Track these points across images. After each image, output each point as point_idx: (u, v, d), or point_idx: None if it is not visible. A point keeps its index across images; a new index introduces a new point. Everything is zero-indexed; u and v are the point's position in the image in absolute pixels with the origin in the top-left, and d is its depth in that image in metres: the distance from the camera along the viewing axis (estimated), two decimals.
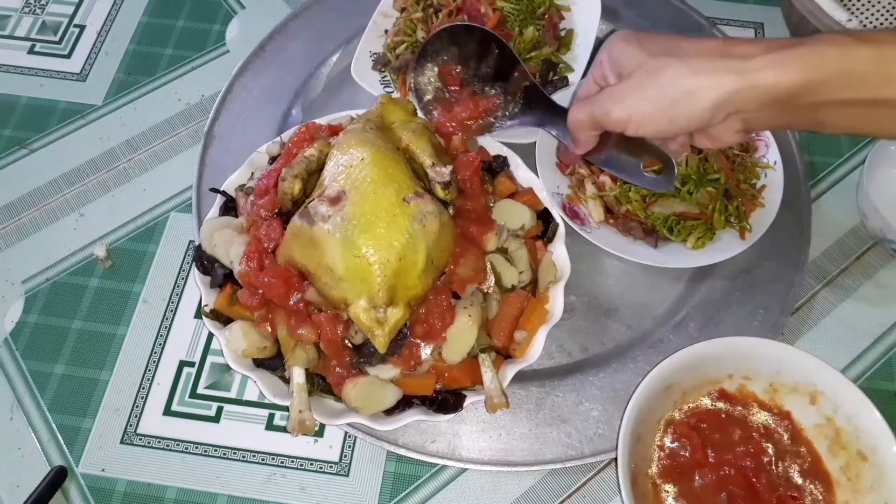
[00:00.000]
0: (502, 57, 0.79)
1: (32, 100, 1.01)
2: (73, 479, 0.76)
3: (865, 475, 0.68)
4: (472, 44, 0.80)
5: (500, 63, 0.80)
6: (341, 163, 0.68)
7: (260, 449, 0.77)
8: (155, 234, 0.90)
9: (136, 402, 0.80)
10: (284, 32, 1.01)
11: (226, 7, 1.09)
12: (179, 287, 0.86)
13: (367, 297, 0.63)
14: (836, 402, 0.69)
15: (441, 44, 0.81)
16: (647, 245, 0.81)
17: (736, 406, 0.73)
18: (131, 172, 0.95)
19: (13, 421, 0.79)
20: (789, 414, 0.72)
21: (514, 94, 0.81)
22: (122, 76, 1.02)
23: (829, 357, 0.70)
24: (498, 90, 0.81)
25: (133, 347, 0.83)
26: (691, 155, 0.80)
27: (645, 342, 0.80)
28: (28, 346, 0.83)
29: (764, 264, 0.84)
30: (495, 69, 0.81)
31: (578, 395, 0.77)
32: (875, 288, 0.86)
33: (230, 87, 0.96)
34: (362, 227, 0.63)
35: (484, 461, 0.74)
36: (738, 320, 0.81)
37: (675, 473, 0.70)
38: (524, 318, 0.72)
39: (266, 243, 0.69)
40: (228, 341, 0.70)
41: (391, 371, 0.68)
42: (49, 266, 0.88)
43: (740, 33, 1.05)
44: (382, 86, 0.92)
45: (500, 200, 0.77)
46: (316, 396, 0.70)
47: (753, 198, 0.82)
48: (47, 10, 1.09)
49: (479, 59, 0.81)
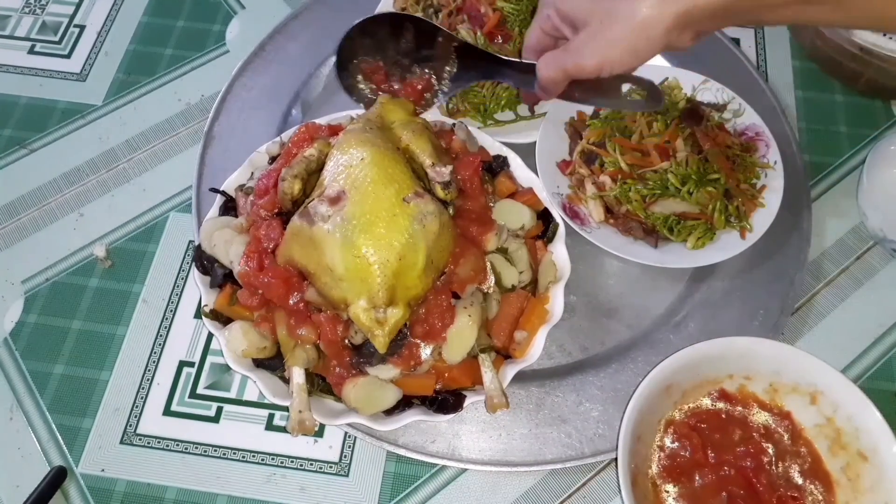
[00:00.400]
0: (420, 30, 0.80)
1: (32, 100, 1.01)
2: (72, 479, 0.76)
3: (865, 475, 0.68)
4: (385, 28, 0.81)
5: (420, 37, 0.81)
6: (341, 163, 0.68)
7: (260, 449, 0.77)
8: (155, 234, 0.90)
9: (136, 403, 0.80)
10: (284, 32, 1.01)
11: (226, 7, 1.09)
12: (179, 287, 0.86)
13: (367, 297, 0.63)
14: (836, 402, 0.69)
15: (353, 44, 0.81)
16: (647, 245, 0.81)
17: (736, 406, 0.73)
18: (131, 172, 0.95)
19: (13, 421, 0.79)
20: (789, 414, 0.72)
21: (447, 58, 0.81)
22: (122, 76, 1.02)
23: (829, 357, 0.70)
24: (429, 62, 0.82)
25: (133, 347, 0.83)
26: (691, 155, 0.80)
27: (645, 342, 0.80)
28: (28, 346, 0.83)
29: (764, 264, 0.84)
30: (417, 44, 0.81)
31: (578, 395, 0.77)
32: (875, 288, 0.86)
33: (230, 87, 0.96)
34: (362, 227, 0.63)
35: (484, 461, 0.74)
36: (738, 320, 0.81)
37: (675, 473, 0.70)
38: (524, 318, 0.72)
39: (266, 243, 0.69)
40: (228, 341, 0.70)
41: (391, 371, 0.68)
42: (49, 266, 0.88)
43: (740, 33, 1.05)
44: None
45: (500, 200, 0.77)
46: (316, 396, 0.70)
47: (753, 198, 0.82)
48: (47, 10, 1.09)
49: (397, 40, 0.81)
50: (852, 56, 0.92)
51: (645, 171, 0.80)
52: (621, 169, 0.81)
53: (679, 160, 0.80)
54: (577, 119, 0.89)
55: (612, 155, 0.82)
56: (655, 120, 0.82)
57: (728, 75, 0.92)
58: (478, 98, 0.90)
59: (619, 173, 0.81)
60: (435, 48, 0.81)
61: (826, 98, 0.99)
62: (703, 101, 0.88)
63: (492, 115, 0.91)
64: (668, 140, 0.81)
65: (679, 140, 0.81)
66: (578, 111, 0.89)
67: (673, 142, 0.81)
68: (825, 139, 0.96)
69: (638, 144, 0.82)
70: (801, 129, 0.97)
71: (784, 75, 1.01)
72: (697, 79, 0.89)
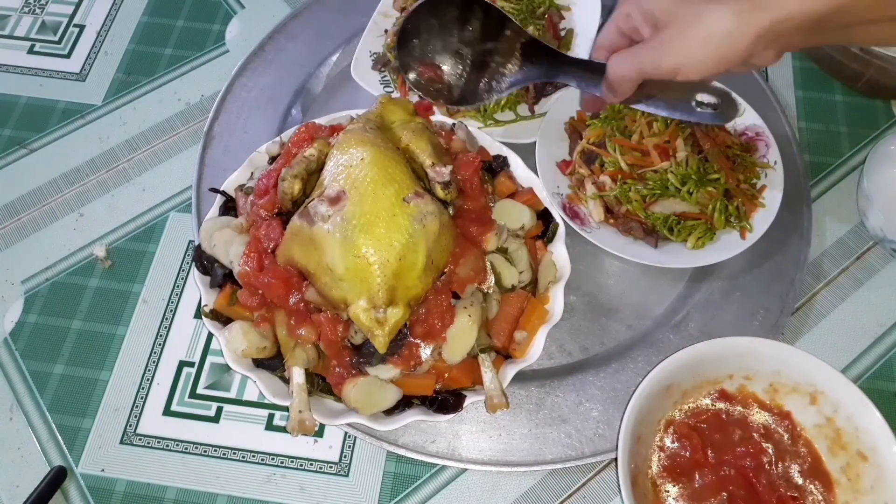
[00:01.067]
0: (488, 18, 0.76)
1: (32, 100, 1.01)
2: (72, 479, 0.76)
3: (865, 475, 0.68)
4: (454, 11, 0.77)
5: (487, 26, 0.77)
6: (341, 162, 0.68)
7: (259, 449, 0.77)
8: (154, 233, 0.90)
9: (136, 403, 0.80)
10: (284, 32, 1.01)
11: (225, 7, 1.09)
12: (179, 287, 0.86)
13: (367, 298, 0.63)
14: (836, 402, 0.69)
15: (419, 20, 0.78)
16: (647, 245, 0.81)
17: (736, 406, 0.73)
18: (131, 172, 0.95)
19: (13, 421, 0.79)
20: (789, 414, 0.72)
21: (510, 54, 0.77)
22: (122, 76, 1.02)
23: (829, 357, 0.70)
24: (491, 56, 0.78)
25: (133, 347, 0.83)
26: (691, 155, 0.80)
27: (645, 342, 0.80)
28: (28, 346, 0.83)
29: (764, 264, 0.84)
30: (482, 34, 0.77)
31: (578, 395, 0.77)
32: (875, 288, 0.86)
33: (230, 87, 0.96)
34: (362, 227, 0.63)
35: (484, 461, 0.74)
36: (738, 320, 0.81)
37: (675, 473, 0.70)
38: (524, 318, 0.72)
39: (266, 243, 0.69)
40: (228, 341, 0.70)
41: (391, 371, 0.68)
42: (49, 266, 0.88)
43: None
44: (382, 85, 0.92)
45: (500, 200, 0.77)
46: (316, 396, 0.70)
47: (753, 198, 0.82)
48: (47, 9, 1.09)
49: (462, 26, 0.78)
50: (853, 56, 0.92)
51: (645, 171, 0.80)
52: (621, 169, 0.81)
53: (679, 160, 0.80)
54: (577, 119, 0.89)
55: (612, 155, 0.82)
56: (655, 120, 0.82)
57: (728, 75, 0.91)
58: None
59: (619, 173, 0.81)
60: (500, 41, 0.77)
61: (826, 98, 0.99)
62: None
63: (492, 115, 0.91)
64: (667, 140, 0.81)
65: (679, 140, 0.81)
66: (578, 111, 0.89)
67: (673, 142, 0.81)
68: (825, 139, 0.96)
69: (638, 144, 0.82)
70: (801, 129, 0.97)
71: (784, 75, 1.01)
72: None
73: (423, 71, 0.80)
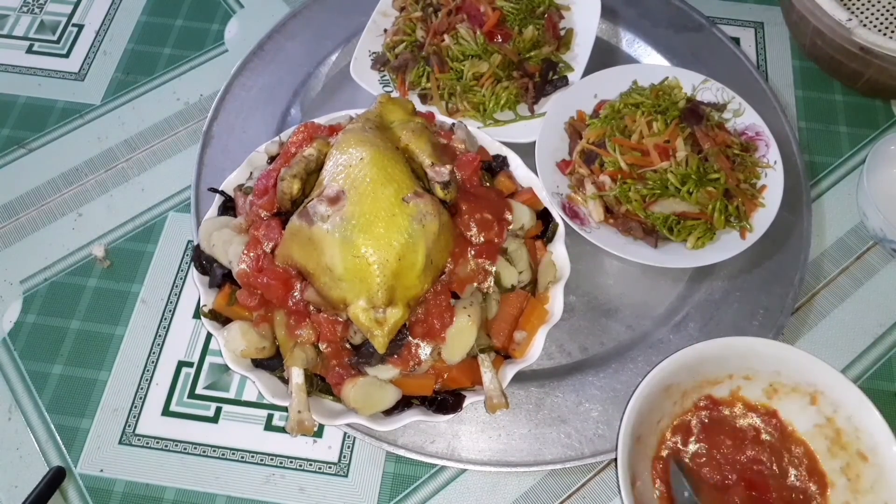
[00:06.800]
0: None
1: (31, 99, 1.00)
2: (71, 479, 0.76)
3: (865, 475, 0.67)
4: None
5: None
6: (340, 162, 0.68)
7: (258, 449, 0.77)
8: (153, 233, 0.90)
9: (135, 403, 0.80)
10: (283, 32, 1.01)
11: (224, 6, 1.09)
12: (178, 287, 0.86)
13: (367, 298, 0.63)
14: (836, 403, 0.69)
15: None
16: (647, 245, 0.81)
17: (735, 409, 0.73)
18: (130, 172, 0.94)
19: (11, 421, 0.79)
20: (787, 414, 0.72)
21: None
22: (121, 76, 1.02)
23: (829, 357, 0.70)
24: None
25: (131, 347, 0.83)
26: (691, 154, 0.80)
27: (645, 342, 0.80)
28: (26, 346, 0.83)
29: (764, 264, 0.84)
30: None
31: (578, 395, 0.77)
32: (875, 288, 0.86)
33: (229, 87, 0.96)
34: (361, 227, 0.63)
35: (483, 462, 0.73)
36: (738, 320, 0.81)
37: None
38: (524, 318, 0.72)
39: (265, 243, 0.69)
40: (227, 341, 0.70)
41: (390, 371, 0.68)
42: (47, 266, 0.88)
43: (740, 33, 1.05)
44: (381, 85, 0.92)
45: None
46: (315, 397, 0.70)
47: (753, 198, 0.82)
48: (46, 9, 1.09)
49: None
50: (852, 56, 0.92)
51: (645, 170, 0.80)
52: (621, 169, 0.81)
53: (679, 160, 0.80)
54: (576, 119, 0.89)
55: (612, 155, 0.81)
56: (655, 120, 0.82)
57: (728, 75, 0.92)
58: (477, 98, 0.90)
59: (619, 173, 0.81)
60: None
61: (826, 98, 0.99)
62: (703, 101, 0.87)
63: (492, 115, 0.90)
64: (668, 140, 0.81)
65: (679, 140, 0.81)
66: (579, 111, 0.89)
67: (673, 141, 0.81)
68: (825, 139, 0.96)
69: (638, 144, 0.82)
70: (801, 128, 0.97)
71: (784, 75, 1.01)
72: (697, 78, 0.89)
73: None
